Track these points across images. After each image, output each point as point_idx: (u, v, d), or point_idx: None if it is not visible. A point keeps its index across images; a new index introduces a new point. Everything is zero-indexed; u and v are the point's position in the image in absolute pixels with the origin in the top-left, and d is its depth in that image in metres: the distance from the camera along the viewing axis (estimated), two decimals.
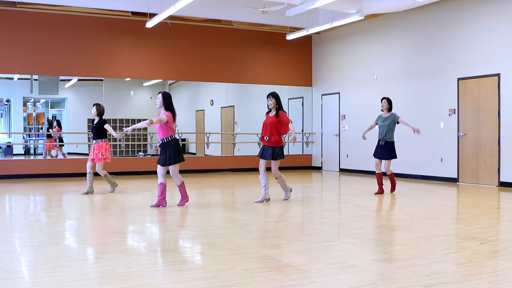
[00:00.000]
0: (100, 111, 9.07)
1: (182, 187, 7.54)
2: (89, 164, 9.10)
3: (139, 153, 17.08)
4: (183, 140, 18.07)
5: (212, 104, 18.70)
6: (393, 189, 9.19)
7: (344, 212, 7.30)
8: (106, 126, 8.94)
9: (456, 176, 11.10)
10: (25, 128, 18.87)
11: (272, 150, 7.80)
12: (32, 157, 17.32)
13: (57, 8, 11.60)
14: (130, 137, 16.41)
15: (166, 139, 7.26)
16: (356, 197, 8.73)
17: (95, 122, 9.03)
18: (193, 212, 7.18)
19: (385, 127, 9.06)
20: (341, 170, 14.46)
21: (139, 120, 17.23)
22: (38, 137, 20.05)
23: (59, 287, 3.50)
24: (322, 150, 15.28)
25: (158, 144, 7.56)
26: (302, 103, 16.05)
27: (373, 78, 13.36)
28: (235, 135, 16.11)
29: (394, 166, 12.65)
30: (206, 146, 16.96)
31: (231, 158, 14.96)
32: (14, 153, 17.70)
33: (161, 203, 7.46)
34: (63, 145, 15.78)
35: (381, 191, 9.05)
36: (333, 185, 11.38)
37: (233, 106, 17.68)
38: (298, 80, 15.54)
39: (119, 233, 5.67)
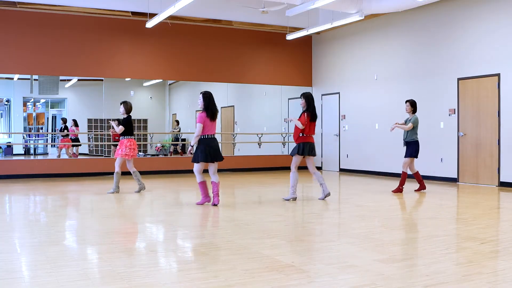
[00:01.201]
0: (128, 108, 9.20)
1: (201, 186, 7.64)
2: (128, 165, 9.18)
3: (139, 153, 17.07)
4: (183, 140, 18.08)
5: None
6: (398, 189, 9.22)
7: (344, 212, 7.30)
8: (120, 126, 9.09)
9: (456, 176, 11.09)
10: (25, 128, 18.88)
11: (295, 146, 8.20)
12: (32, 157, 17.32)
13: (57, 8, 11.60)
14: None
15: (200, 137, 7.45)
16: (356, 197, 8.73)
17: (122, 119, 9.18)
18: (193, 212, 7.18)
19: (406, 131, 9.31)
20: (341, 170, 14.46)
21: (139, 120, 17.24)
22: (38, 136, 20.06)
23: (59, 287, 3.50)
24: (322, 150, 15.28)
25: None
26: None
27: (373, 78, 13.37)
28: (235, 135, 16.11)
29: (395, 165, 12.66)
30: None
31: (231, 158, 14.96)
32: (14, 153, 17.70)
33: (206, 200, 7.66)
34: (79, 145, 15.74)
35: (422, 187, 9.35)
36: (333, 185, 11.37)
37: (233, 106, 17.68)
38: (298, 80, 15.54)
39: (119, 233, 5.68)
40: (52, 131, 19.66)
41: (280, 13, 12.57)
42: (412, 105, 9.31)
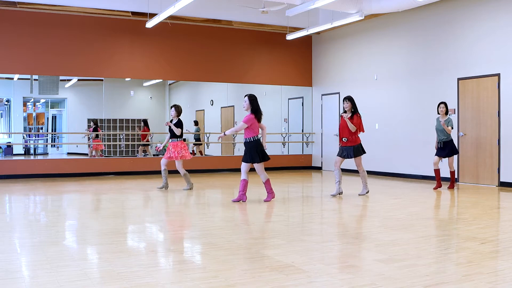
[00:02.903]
0: (179, 111, 9.60)
1: (267, 184, 7.93)
2: (163, 161, 9.57)
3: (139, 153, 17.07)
4: (183, 140, 18.07)
5: (212, 104, 18.70)
6: (451, 185, 9.82)
7: (344, 212, 7.30)
8: (177, 129, 9.40)
9: (456, 176, 11.09)
10: (25, 128, 18.88)
11: (353, 148, 8.52)
12: (32, 157, 17.32)
13: (57, 8, 11.60)
14: (130, 137, 16.42)
15: (249, 139, 7.75)
16: (356, 197, 8.73)
17: (173, 122, 9.47)
18: (193, 212, 7.18)
19: (443, 130, 9.61)
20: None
21: (139, 121, 17.24)
22: (38, 136, 20.06)
23: (59, 287, 3.50)
24: (322, 150, 15.28)
25: (243, 142, 7.92)
26: (302, 103, 16.05)
27: (373, 78, 13.37)
28: (235, 135, 16.10)
29: (394, 166, 12.67)
30: (206, 146, 16.96)
31: (231, 158, 14.96)
32: (14, 153, 17.71)
33: (242, 198, 7.87)
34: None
35: (439, 186, 9.76)
36: (333, 185, 11.37)
37: (233, 106, 17.68)
38: (298, 80, 15.54)
39: (119, 233, 5.67)
40: (52, 131, 19.67)
41: (280, 13, 12.57)
42: (447, 106, 9.72)
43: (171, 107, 9.65)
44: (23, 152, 18.20)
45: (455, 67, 11.10)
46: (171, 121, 9.58)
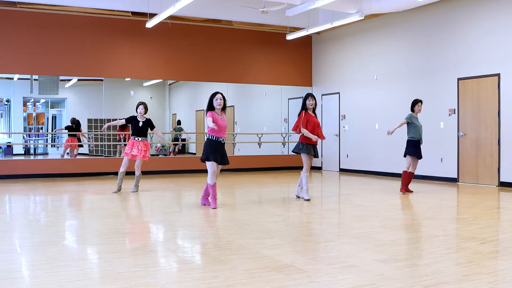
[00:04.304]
0: (147, 109, 9.40)
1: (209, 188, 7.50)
2: (137, 162, 9.30)
3: None
4: (183, 140, 18.07)
5: None
6: (408, 189, 9.33)
7: (344, 212, 7.30)
8: (155, 131, 9.34)
9: (456, 176, 11.09)
10: (25, 128, 18.87)
11: (315, 147, 8.09)
12: (32, 157, 17.31)
13: (57, 8, 11.60)
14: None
15: (222, 138, 7.36)
16: (356, 197, 8.73)
17: (143, 120, 9.25)
18: (193, 212, 7.17)
19: (421, 128, 9.26)
20: (341, 170, 14.46)
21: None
22: (38, 136, 20.05)
23: (59, 287, 3.50)
24: (322, 150, 15.28)
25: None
26: None
27: (373, 78, 13.36)
28: (235, 135, 16.11)
29: (394, 166, 12.67)
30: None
31: (231, 158, 14.82)
32: (14, 153, 17.70)
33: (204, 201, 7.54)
34: (81, 146, 15.63)
35: (405, 190, 9.17)
36: (333, 185, 11.37)
37: (233, 106, 17.68)
38: (298, 80, 15.53)
39: (119, 233, 5.67)
40: (52, 131, 19.66)
41: (280, 13, 12.57)
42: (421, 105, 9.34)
43: (140, 104, 9.28)
44: (23, 152, 18.19)
45: (455, 67, 11.10)
46: (134, 117, 9.29)
